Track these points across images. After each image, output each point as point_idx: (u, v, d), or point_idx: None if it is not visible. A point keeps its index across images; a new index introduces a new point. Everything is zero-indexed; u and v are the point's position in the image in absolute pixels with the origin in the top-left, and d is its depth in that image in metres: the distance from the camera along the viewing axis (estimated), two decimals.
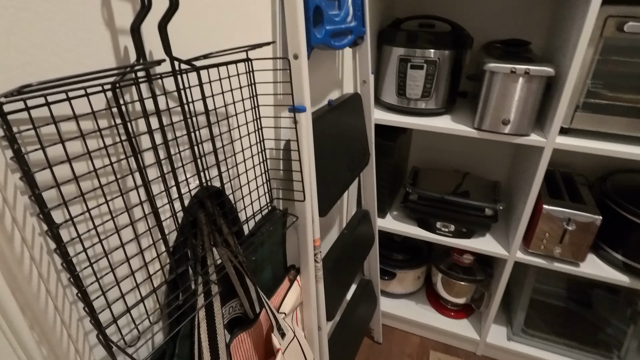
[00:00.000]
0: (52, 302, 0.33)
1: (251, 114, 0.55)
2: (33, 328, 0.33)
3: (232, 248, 0.57)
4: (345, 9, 0.82)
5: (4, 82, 0.29)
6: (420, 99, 1.16)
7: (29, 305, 0.32)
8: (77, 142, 0.34)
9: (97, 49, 0.35)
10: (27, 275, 0.31)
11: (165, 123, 0.43)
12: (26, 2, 0.29)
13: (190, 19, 0.45)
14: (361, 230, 1.13)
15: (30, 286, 0.31)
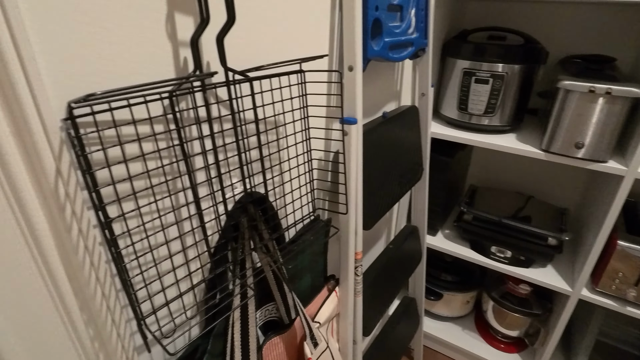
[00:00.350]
0: (101, 289, 0.36)
1: (300, 124, 0.56)
2: (83, 310, 0.36)
3: (272, 254, 0.58)
4: (408, 21, 0.80)
5: (75, 89, 0.32)
6: (483, 115, 1.10)
7: (81, 290, 0.36)
8: (134, 144, 0.37)
9: (159, 59, 0.38)
10: (80, 263, 0.34)
11: (216, 130, 0.45)
12: (97, 18, 0.33)
13: (246, 32, 0.47)
14: (408, 246, 1.09)
15: (83, 273, 0.35)
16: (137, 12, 0.35)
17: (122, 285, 0.38)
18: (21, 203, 0.29)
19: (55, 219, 0.32)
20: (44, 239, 0.31)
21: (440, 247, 1.25)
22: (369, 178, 0.77)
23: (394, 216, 1.26)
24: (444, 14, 1.14)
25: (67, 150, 0.32)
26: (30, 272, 0.32)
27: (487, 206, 1.24)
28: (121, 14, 0.34)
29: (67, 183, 0.31)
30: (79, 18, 0.31)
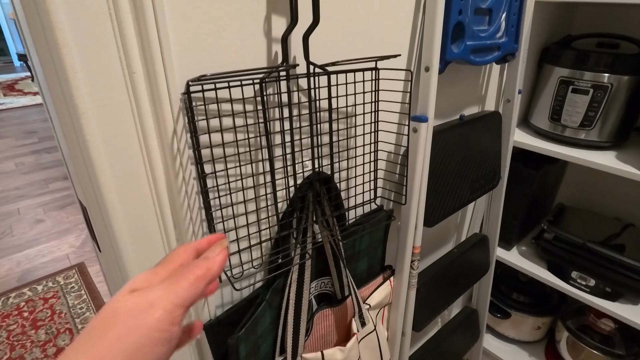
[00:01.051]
0: (192, 226, 0.47)
1: (370, 117, 0.62)
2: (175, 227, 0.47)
3: (331, 229, 0.65)
4: (497, 25, 0.80)
5: (194, 71, 0.43)
6: (578, 128, 1.02)
7: (178, 224, 0.46)
8: (229, 118, 0.47)
9: (256, 52, 0.47)
10: (181, 204, 0.45)
11: (294, 114, 0.53)
12: (214, 18, 0.43)
13: (330, 31, 0.54)
14: (474, 254, 1.07)
15: (182, 212, 0.45)
16: (243, 14, 0.44)
17: (208, 228, 0.48)
18: (149, 150, 0.40)
19: (168, 167, 0.43)
20: (159, 180, 0.42)
21: (514, 263, 1.19)
22: (436, 177, 0.79)
23: (466, 222, 1.23)
24: (546, 18, 1.08)
25: (182, 117, 0.42)
26: (147, 201, 0.44)
27: (575, 228, 1.14)
28: (232, 15, 0.44)
29: (180, 141, 0.42)
30: (201, 18, 0.42)
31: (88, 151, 0.35)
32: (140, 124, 0.39)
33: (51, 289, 1.83)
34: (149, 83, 0.38)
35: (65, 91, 0.33)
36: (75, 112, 0.34)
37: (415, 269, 0.82)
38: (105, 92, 0.36)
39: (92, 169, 0.37)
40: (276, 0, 0.46)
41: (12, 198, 2.65)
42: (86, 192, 0.41)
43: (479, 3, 0.73)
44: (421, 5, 0.68)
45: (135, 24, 0.36)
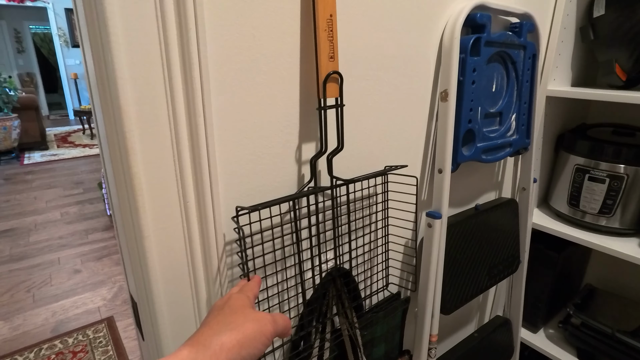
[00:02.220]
0: None
1: (382, 214, 0.69)
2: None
3: (350, 320, 0.69)
4: (507, 125, 0.86)
5: (237, 193, 0.52)
6: (598, 214, 1.04)
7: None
8: (269, 231, 0.55)
9: (287, 173, 0.56)
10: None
11: (321, 220, 0.61)
12: (254, 151, 0.52)
13: (351, 150, 0.63)
14: (496, 338, 1.06)
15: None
16: (277, 144, 0.54)
17: None
18: (196, 276, 0.48)
19: (209, 280, 0.50)
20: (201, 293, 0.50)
21: (541, 347, 1.16)
22: (452, 265, 0.83)
23: (488, 304, 1.22)
24: (560, 109, 1.14)
25: (224, 238, 0.50)
26: (188, 304, 0.51)
27: (604, 312, 1.11)
28: (269, 147, 0.53)
29: (221, 260, 0.49)
30: (244, 152, 0.51)
31: (147, 267, 0.43)
32: (189, 242, 0.47)
33: (81, 342, 1.90)
34: (199, 209, 0.47)
35: (134, 223, 0.42)
36: (140, 235, 0.42)
37: (432, 357, 0.83)
38: (165, 218, 0.45)
39: (147, 277, 0.44)
40: (306, 131, 0.56)
41: (55, 247, 2.84)
42: (139, 291, 0.48)
43: (488, 108, 0.81)
44: (434, 114, 0.76)
45: (192, 162, 0.45)
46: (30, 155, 5.05)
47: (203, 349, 0.34)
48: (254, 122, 0.50)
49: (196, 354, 0.33)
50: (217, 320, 0.37)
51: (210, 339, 0.34)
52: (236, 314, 0.38)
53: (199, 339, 0.35)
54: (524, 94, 0.87)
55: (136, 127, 0.39)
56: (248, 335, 0.36)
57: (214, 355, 0.33)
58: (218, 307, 0.40)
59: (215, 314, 0.39)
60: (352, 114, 0.61)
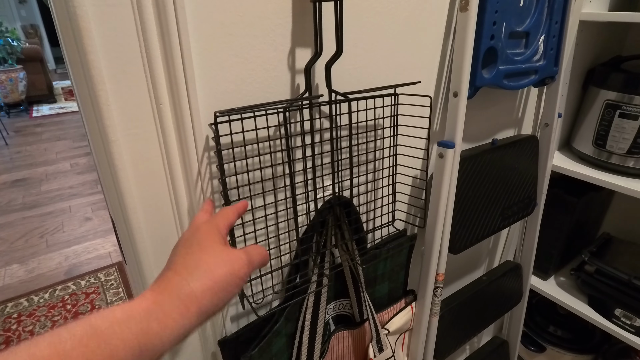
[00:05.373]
0: None
1: (389, 141, 0.62)
2: None
3: (350, 252, 0.65)
4: (534, 48, 0.77)
5: (220, 100, 0.45)
6: (626, 155, 0.95)
7: None
8: (253, 146, 0.49)
9: (281, 82, 0.49)
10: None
11: (316, 140, 0.54)
12: (241, 51, 0.45)
13: (353, 59, 0.55)
14: (505, 282, 1.02)
15: None
16: (268, 47, 0.46)
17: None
18: (173, 176, 0.43)
19: (191, 193, 0.45)
20: (182, 204, 0.45)
21: (550, 294, 1.12)
22: (464, 203, 0.77)
23: (499, 249, 1.18)
24: (593, 38, 1.02)
25: (206, 147, 0.44)
26: (170, 222, 0.46)
27: (620, 261, 1.06)
28: (258, 48, 0.46)
29: (205, 173, 0.44)
30: (228, 51, 0.44)
31: (117, 178, 0.38)
32: (166, 151, 0.41)
33: (93, 285, 1.95)
34: (175, 114, 0.41)
35: (99, 123, 0.36)
36: (106, 140, 0.37)
37: (438, 296, 0.80)
38: (135, 123, 0.39)
39: (120, 191, 0.39)
40: (301, 33, 0.48)
41: (65, 196, 2.87)
42: (114, 209, 0.44)
43: (514, 26, 0.71)
44: (451, 29, 0.67)
45: (163, 58, 0.39)
46: (39, 108, 5.03)
47: (170, 297, 0.29)
48: (240, 15, 0.43)
49: (162, 304, 0.28)
50: (185, 261, 0.32)
51: (178, 286, 0.30)
52: (206, 253, 0.33)
53: (166, 285, 0.30)
54: (556, 11, 0.76)
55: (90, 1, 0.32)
56: (220, 281, 0.32)
57: (184, 305, 0.29)
58: (185, 240, 0.35)
59: (182, 253, 0.33)
60: (357, 17, 0.52)
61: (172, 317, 0.28)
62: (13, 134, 4.16)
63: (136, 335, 0.26)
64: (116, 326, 0.25)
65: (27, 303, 1.84)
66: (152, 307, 0.28)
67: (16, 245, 2.30)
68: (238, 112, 0.43)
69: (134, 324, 0.26)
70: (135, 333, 0.26)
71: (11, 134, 4.15)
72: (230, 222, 0.39)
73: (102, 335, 0.24)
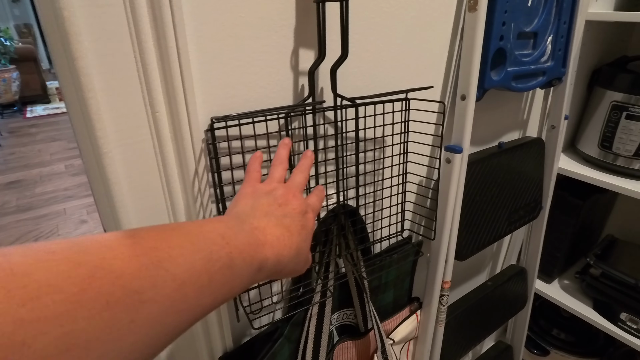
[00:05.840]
0: None
1: (399, 148, 0.59)
2: None
3: (355, 262, 0.62)
4: (542, 49, 0.75)
5: (220, 107, 0.42)
6: (633, 157, 0.94)
7: None
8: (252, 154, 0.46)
9: (283, 86, 0.46)
10: None
11: (320, 147, 0.52)
12: (240, 53, 0.42)
13: (359, 62, 0.52)
14: (510, 287, 1.00)
15: None
16: (271, 49, 0.44)
17: None
18: (170, 188, 0.40)
19: (189, 204, 0.43)
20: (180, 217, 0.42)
21: (554, 297, 1.11)
22: (471, 208, 0.75)
23: (502, 252, 1.16)
24: (599, 38, 1.01)
25: (204, 155, 0.42)
26: None
27: (624, 264, 1.04)
28: (259, 51, 0.43)
29: (201, 181, 0.41)
30: (228, 55, 0.41)
31: (110, 191, 0.36)
32: (162, 163, 0.39)
33: None
34: (172, 122, 0.38)
35: (90, 134, 0.33)
36: (98, 152, 0.34)
37: (444, 304, 0.78)
38: (129, 132, 0.36)
39: (113, 207, 0.37)
40: (304, 35, 0.45)
41: (60, 198, 2.83)
42: (107, 224, 0.41)
43: (522, 27, 0.69)
44: (459, 30, 0.65)
45: (159, 63, 0.36)
46: (33, 109, 4.97)
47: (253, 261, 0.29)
48: (240, 16, 0.40)
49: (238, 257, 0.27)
50: (292, 244, 0.33)
51: (275, 263, 0.31)
52: (304, 251, 0.35)
53: (264, 248, 0.30)
54: (564, 11, 0.74)
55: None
56: (292, 272, 0.35)
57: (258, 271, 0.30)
58: (297, 216, 0.35)
59: (294, 229, 0.33)
60: (363, 18, 0.50)
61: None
62: (7, 135, 4.10)
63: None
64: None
65: None
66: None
67: None
68: (235, 118, 0.41)
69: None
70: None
71: (5, 135, 4.09)
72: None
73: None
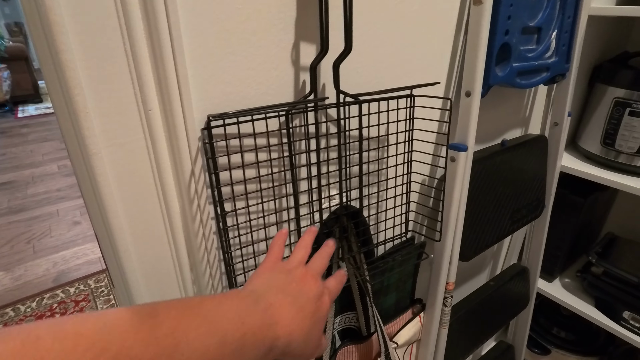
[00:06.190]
0: (209, 268, 0.44)
1: (404, 147, 0.57)
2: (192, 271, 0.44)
3: (358, 266, 0.60)
4: (546, 44, 0.73)
5: (216, 104, 0.40)
6: (635, 154, 0.92)
7: (195, 265, 0.44)
8: (251, 153, 0.44)
9: (283, 82, 0.44)
10: (197, 246, 0.42)
11: (322, 145, 0.50)
12: (238, 47, 0.40)
13: (362, 57, 0.50)
14: (512, 287, 0.99)
15: (199, 254, 0.42)
16: (270, 43, 0.41)
17: (226, 270, 0.45)
18: (165, 190, 0.38)
19: (185, 207, 0.40)
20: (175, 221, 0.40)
21: (556, 296, 1.09)
22: (475, 208, 0.73)
23: (503, 252, 1.15)
24: (600, 33, 0.99)
25: (201, 154, 0.39)
26: (163, 244, 0.41)
27: (626, 261, 1.03)
28: (258, 45, 0.41)
29: (198, 181, 0.39)
30: (225, 50, 0.39)
31: (100, 195, 0.33)
32: (156, 164, 0.36)
33: (82, 292, 1.88)
34: (166, 120, 0.36)
35: (77, 133, 0.31)
36: (86, 153, 0.32)
37: (448, 306, 0.76)
38: (120, 132, 0.34)
39: (104, 211, 0.34)
40: (305, 28, 0.43)
41: (53, 200, 2.78)
42: (98, 229, 0.39)
43: (526, 21, 0.67)
44: (462, 25, 0.63)
45: (152, 57, 0.34)
46: (24, 109, 4.89)
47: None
48: (238, 8, 0.38)
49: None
50: (304, 326, 0.32)
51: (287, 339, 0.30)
52: (314, 337, 0.33)
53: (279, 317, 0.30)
54: (568, 6, 0.72)
55: None
56: (300, 357, 0.33)
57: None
58: (313, 298, 0.34)
59: (308, 311, 0.32)
60: (366, 10, 0.48)
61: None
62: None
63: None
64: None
65: (14, 313, 1.76)
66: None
67: (1, 251, 2.22)
68: (233, 115, 0.38)
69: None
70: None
71: None
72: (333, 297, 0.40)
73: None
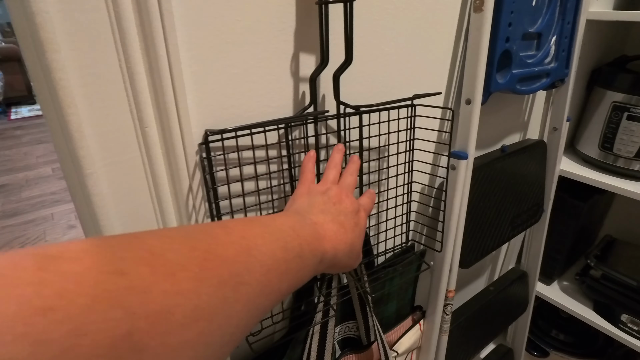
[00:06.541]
0: None
1: (405, 157, 0.56)
2: None
3: (359, 277, 0.60)
4: (546, 50, 0.72)
5: (216, 118, 0.39)
6: (634, 159, 0.92)
7: None
8: (250, 166, 0.43)
9: (283, 94, 0.43)
10: None
11: (323, 157, 0.49)
12: (238, 60, 0.39)
13: (362, 68, 0.49)
14: (512, 291, 0.99)
15: None
16: (270, 55, 0.41)
17: None
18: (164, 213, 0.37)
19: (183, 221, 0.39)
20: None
21: (554, 299, 1.09)
22: (476, 215, 0.73)
23: (501, 256, 1.15)
24: (598, 37, 0.99)
25: (199, 169, 0.38)
26: None
27: (624, 265, 1.04)
28: (258, 57, 0.40)
29: (196, 197, 0.38)
30: (224, 62, 0.38)
31: (95, 214, 0.32)
32: (153, 182, 0.35)
33: None
34: (164, 137, 0.35)
35: (71, 153, 0.30)
36: (81, 173, 0.31)
37: (448, 313, 0.75)
38: (115, 150, 0.33)
39: (100, 232, 0.33)
40: (305, 38, 0.42)
41: (48, 203, 2.75)
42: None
43: (527, 27, 0.67)
44: (462, 32, 0.62)
45: (148, 72, 0.33)
46: (18, 110, 4.84)
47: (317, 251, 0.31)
48: (237, 20, 0.37)
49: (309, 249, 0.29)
50: (347, 239, 0.34)
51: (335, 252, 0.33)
52: (356, 247, 0.37)
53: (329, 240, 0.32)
54: (568, 11, 0.72)
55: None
56: (346, 267, 0.36)
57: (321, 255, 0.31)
58: (350, 214, 0.36)
59: (348, 226, 0.35)
60: (366, 20, 0.47)
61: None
62: None
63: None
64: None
65: None
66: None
67: None
68: (231, 131, 0.37)
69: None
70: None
71: None
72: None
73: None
